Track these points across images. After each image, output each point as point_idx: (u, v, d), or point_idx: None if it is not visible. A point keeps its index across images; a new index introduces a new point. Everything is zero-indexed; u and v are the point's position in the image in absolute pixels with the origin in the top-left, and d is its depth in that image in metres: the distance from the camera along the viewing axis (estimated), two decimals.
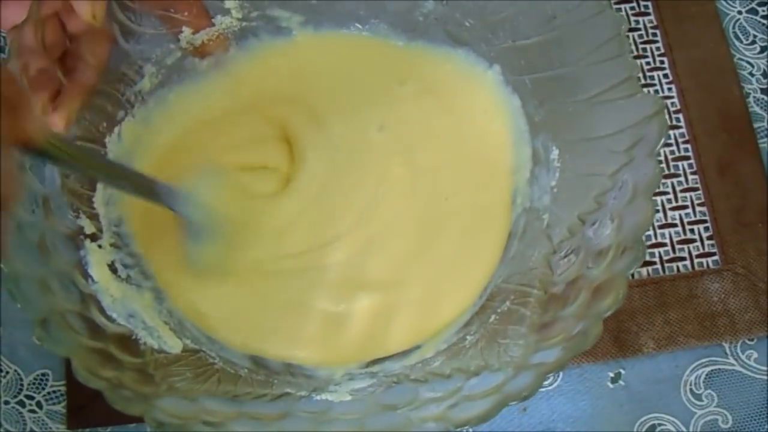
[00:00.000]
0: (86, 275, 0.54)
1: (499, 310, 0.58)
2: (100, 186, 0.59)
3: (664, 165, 0.71)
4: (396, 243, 0.62)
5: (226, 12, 0.63)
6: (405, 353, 0.60)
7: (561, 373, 0.65)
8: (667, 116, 0.68)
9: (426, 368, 0.57)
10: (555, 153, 0.60)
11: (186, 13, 0.60)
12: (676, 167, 0.71)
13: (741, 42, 0.75)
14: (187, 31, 0.61)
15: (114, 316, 0.54)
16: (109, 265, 0.57)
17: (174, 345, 0.56)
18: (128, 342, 0.53)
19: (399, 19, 0.65)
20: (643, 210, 0.50)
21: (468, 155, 0.64)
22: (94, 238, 0.57)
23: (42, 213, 0.53)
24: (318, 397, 0.56)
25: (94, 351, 0.50)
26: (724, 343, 0.67)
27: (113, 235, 0.59)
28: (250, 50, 0.66)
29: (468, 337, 0.58)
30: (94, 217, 0.58)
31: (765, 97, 0.73)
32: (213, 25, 0.62)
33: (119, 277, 0.57)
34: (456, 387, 0.52)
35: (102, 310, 0.53)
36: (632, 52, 0.73)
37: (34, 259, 0.50)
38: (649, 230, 0.68)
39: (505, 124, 0.64)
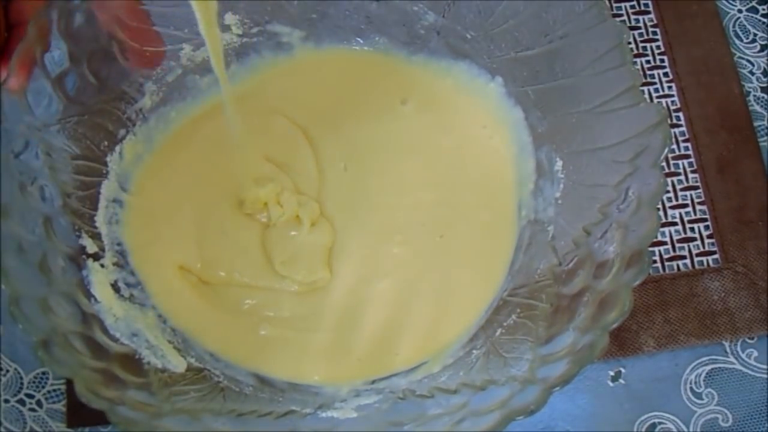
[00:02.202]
0: (89, 295, 0.54)
1: (505, 324, 0.58)
2: (102, 205, 0.59)
3: (664, 164, 0.70)
4: (402, 265, 0.62)
5: (227, 28, 0.63)
6: (411, 369, 0.59)
7: None
8: (669, 125, 0.68)
9: (432, 384, 0.56)
10: (559, 164, 0.59)
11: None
12: (677, 166, 0.71)
13: (741, 40, 0.75)
14: (187, 48, 0.61)
15: (117, 335, 0.54)
16: (111, 285, 0.57)
17: (178, 364, 0.56)
18: (132, 361, 0.53)
19: (400, 33, 0.65)
20: (647, 220, 0.50)
21: (470, 174, 0.65)
22: (96, 257, 0.57)
23: (43, 233, 0.53)
24: (323, 414, 0.55)
25: (96, 371, 0.49)
26: (724, 342, 0.67)
27: (115, 254, 0.59)
28: (251, 67, 0.66)
29: (474, 352, 0.57)
30: (96, 237, 0.58)
31: (765, 96, 0.73)
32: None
33: (122, 296, 0.57)
34: (462, 402, 0.52)
35: (105, 330, 0.53)
36: (635, 62, 0.73)
37: (35, 280, 0.50)
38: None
39: (506, 139, 0.64)
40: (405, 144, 0.65)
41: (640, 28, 0.75)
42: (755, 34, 0.75)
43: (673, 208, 0.70)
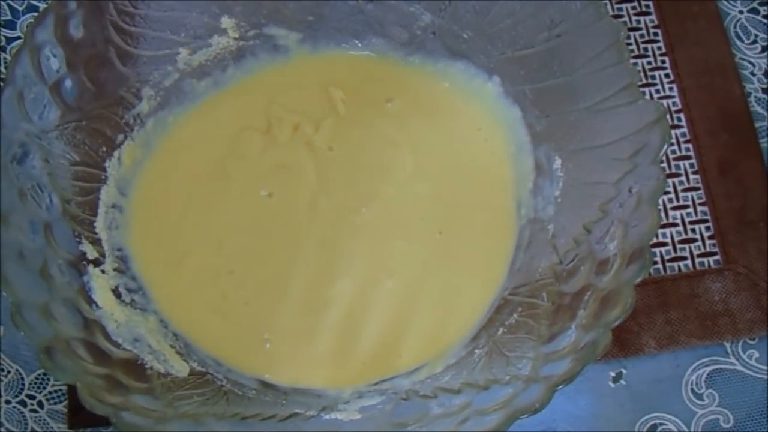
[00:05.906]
0: (90, 301, 0.54)
1: (506, 323, 0.58)
2: (101, 211, 0.59)
3: (665, 164, 0.70)
4: (405, 263, 0.62)
5: (223, 32, 0.63)
6: (414, 369, 0.59)
7: None
8: (668, 121, 0.68)
9: (435, 384, 0.56)
10: (558, 162, 0.60)
11: None
12: (678, 167, 0.71)
13: (742, 41, 0.75)
14: (184, 52, 0.61)
15: (119, 341, 0.54)
16: (113, 290, 0.57)
17: (181, 368, 0.56)
18: (134, 367, 0.53)
19: (396, 35, 0.65)
20: (648, 217, 0.50)
21: (466, 173, 0.64)
22: (96, 263, 0.56)
23: (43, 239, 0.53)
24: (327, 416, 0.55)
25: (99, 377, 0.49)
26: (725, 343, 0.67)
27: (116, 259, 0.59)
28: (248, 70, 0.66)
29: (476, 351, 0.57)
30: (96, 242, 0.57)
31: (766, 97, 0.73)
32: None
33: (123, 301, 0.57)
34: (466, 402, 0.52)
35: (107, 336, 0.53)
36: (635, 62, 0.73)
37: (36, 286, 0.50)
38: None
39: (504, 138, 0.64)
40: (395, 140, 0.65)
41: (641, 29, 0.75)
42: (756, 35, 0.75)
43: (674, 209, 0.70)
